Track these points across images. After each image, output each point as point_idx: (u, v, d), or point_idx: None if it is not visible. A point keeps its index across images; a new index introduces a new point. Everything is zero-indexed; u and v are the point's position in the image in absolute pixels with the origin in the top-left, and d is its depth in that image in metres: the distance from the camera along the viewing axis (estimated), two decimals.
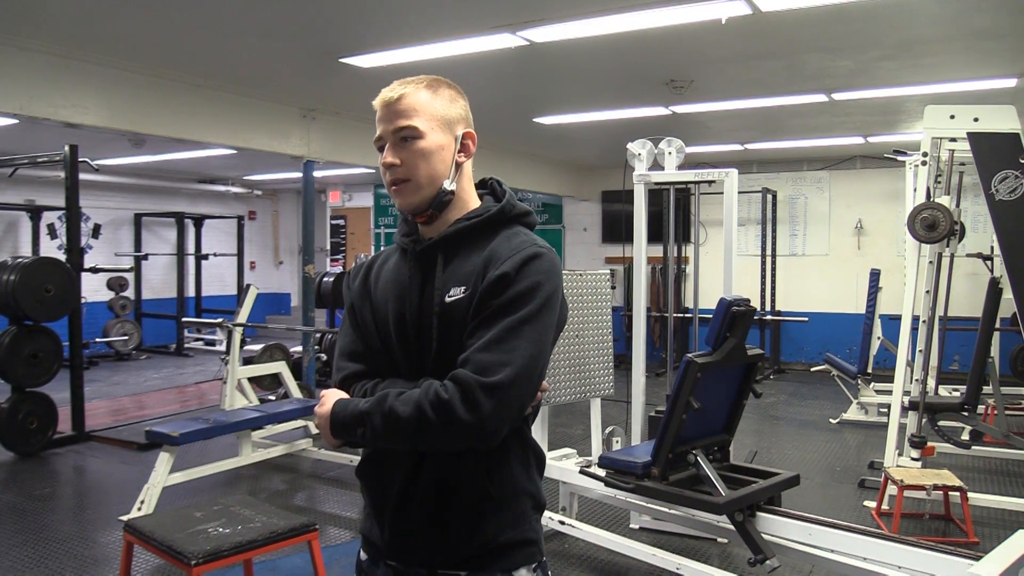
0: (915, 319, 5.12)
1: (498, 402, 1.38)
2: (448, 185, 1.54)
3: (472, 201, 1.60)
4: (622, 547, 4.01)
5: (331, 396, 1.54)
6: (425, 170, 1.52)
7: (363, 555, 1.65)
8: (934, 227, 4.88)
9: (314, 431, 6.05)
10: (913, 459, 4.93)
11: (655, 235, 5.15)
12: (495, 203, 1.59)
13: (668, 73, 6.11)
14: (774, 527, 3.34)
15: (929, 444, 4.98)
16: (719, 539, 4.28)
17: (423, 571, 1.54)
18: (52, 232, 10.76)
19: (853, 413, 7.52)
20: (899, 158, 7.48)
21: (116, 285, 11.78)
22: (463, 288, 1.49)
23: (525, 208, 1.62)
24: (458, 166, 1.57)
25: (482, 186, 1.66)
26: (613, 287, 10.38)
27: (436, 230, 1.57)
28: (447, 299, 1.50)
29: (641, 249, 4.78)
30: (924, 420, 4.99)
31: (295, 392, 6.63)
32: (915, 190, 5.53)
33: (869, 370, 7.39)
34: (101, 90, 5.86)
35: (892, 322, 7.66)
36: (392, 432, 1.43)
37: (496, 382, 1.38)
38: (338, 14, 4.75)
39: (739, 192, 4.66)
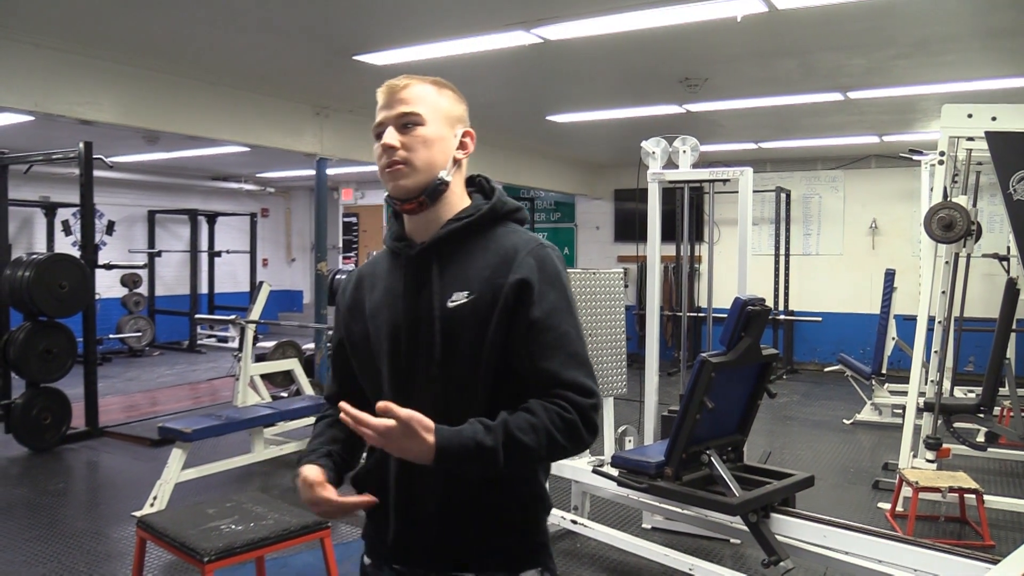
0: (931, 320, 5.08)
1: (599, 412, 1.49)
2: (444, 175, 1.53)
3: (463, 200, 1.58)
4: (634, 547, 3.99)
5: (425, 427, 1.33)
6: (425, 155, 1.50)
7: (367, 559, 1.64)
8: (951, 227, 4.84)
9: None
10: (928, 461, 4.90)
11: (668, 234, 5.13)
12: (484, 201, 1.57)
13: (682, 71, 6.09)
14: (788, 528, 3.32)
15: (944, 446, 4.95)
16: (732, 540, 4.26)
17: (430, 574, 1.53)
18: (67, 229, 10.82)
19: (867, 414, 7.47)
20: (914, 157, 7.43)
21: (130, 282, 11.84)
22: (466, 293, 1.47)
23: (515, 204, 1.61)
24: (456, 162, 1.56)
25: (469, 184, 1.64)
26: (626, 286, 10.35)
27: (426, 230, 1.54)
28: (450, 304, 1.48)
29: (654, 248, 4.76)
30: (939, 421, 4.95)
31: (307, 389, 6.64)
32: (931, 190, 5.49)
33: (883, 371, 7.34)
34: (115, 87, 5.88)
35: (907, 323, 7.63)
36: (517, 462, 1.41)
37: (596, 401, 1.48)
38: (352, 12, 4.75)
39: (753, 191, 4.64)
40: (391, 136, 1.50)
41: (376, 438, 1.32)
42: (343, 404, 1.34)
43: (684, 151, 4.76)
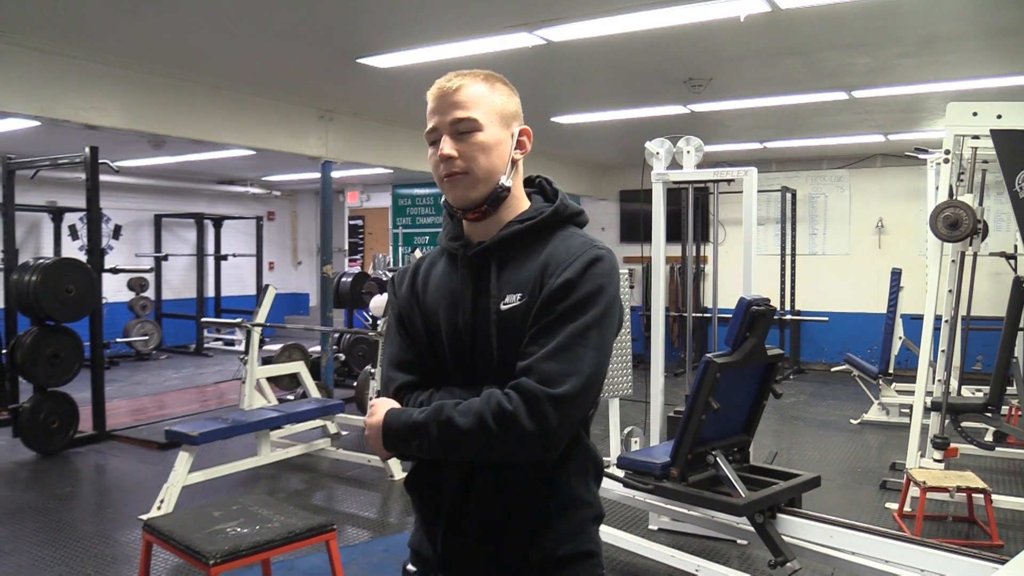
0: (937, 319, 5.06)
1: (564, 413, 1.34)
2: (505, 181, 1.48)
3: (523, 201, 1.54)
4: (641, 548, 3.99)
5: (382, 406, 1.48)
6: (485, 164, 1.46)
7: (411, 567, 1.60)
8: (957, 225, 4.82)
9: (332, 431, 6.07)
10: (936, 460, 4.87)
11: (673, 234, 5.11)
12: (546, 203, 1.53)
13: (686, 71, 6.08)
14: (795, 529, 3.31)
15: (952, 445, 4.93)
16: (739, 541, 4.25)
17: None
18: (74, 233, 10.86)
19: (874, 414, 7.45)
20: (920, 156, 7.42)
21: (137, 285, 11.86)
22: (519, 295, 1.43)
23: (576, 208, 1.56)
24: (514, 163, 1.51)
25: (529, 184, 1.60)
26: (631, 287, 10.37)
27: (486, 231, 1.51)
28: (503, 307, 1.44)
29: (660, 248, 4.75)
30: (947, 421, 4.94)
31: (313, 392, 6.65)
32: (937, 188, 5.47)
33: (890, 370, 7.32)
34: (120, 92, 5.90)
35: (914, 322, 7.59)
36: (450, 444, 1.38)
37: (563, 393, 1.33)
38: (355, 15, 4.76)
39: (758, 191, 4.63)
40: (448, 145, 1.46)
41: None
42: None
43: (688, 151, 4.75)
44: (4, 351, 6.78)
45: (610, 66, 5.98)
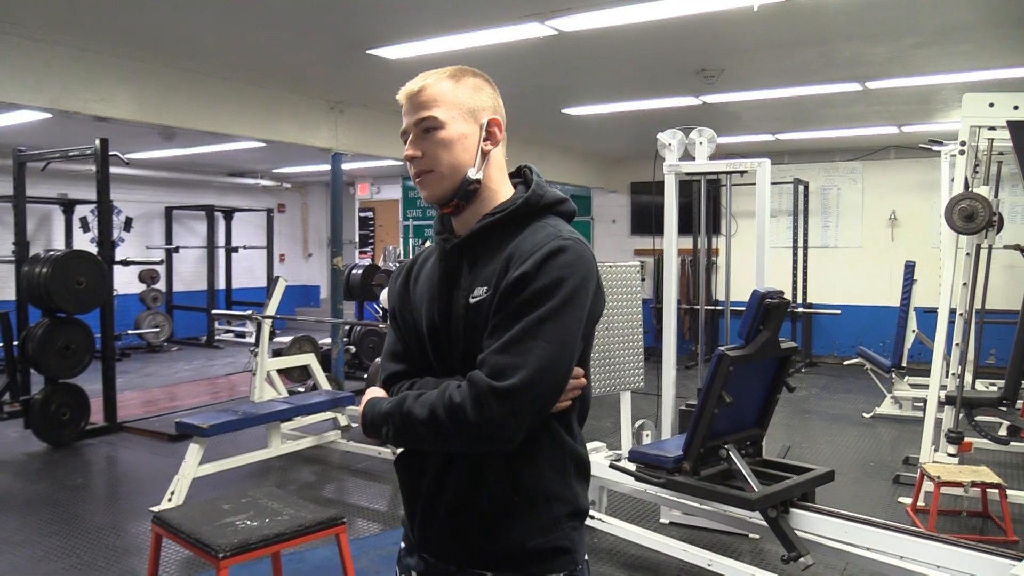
0: (952, 312, 5.01)
1: (510, 406, 1.34)
2: (473, 174, 1.50)
3: (503, 192, 1.55)
4: (652, 542, 3.97)
5: (369, 394, 1.56)
6: (447, 160, 1.49)
7: (403, 544, 1.65)
8: (972, 218, 4.77)
9: (343, 423, 6.07)
10: (950, 455, 4.84)
11: (685, 226, 5.08)
12: (523, 193, 1.53)
13: (699, 62, 6.03)
14: (808, 524, 3.29)
15: (966, 439, 4.88)
16: (751, 535, 4.23)
17: (452, 567, 1.52)
18: (85, 225, 10.89)
19: (887, 407, 7.40)
20: (934, 148, 7.35)
21: (147, 278, 11.90)
22: (485, 288, 1.45)
23: (557, 195, 1.55)
24: (484, 154, 1.52)
25: (516, 175, 1.61)
26: (643, 279, 10.33)
27: (466, 224, 1.53)
28: (471, 300, 1.46)
29: (671, 241, 4.72)
30: (961, 415, 4.89)
31: (324, 384, 6.65)
32: (952, 180, 5.42)
33: (903, 364, 7.27)
34: (131, 84, 5.90)
35: (927, 315, 7.54)
36: (409, 434, 1.44)
37: (508, 387, 1.34)
38: (365, 5, 4.73)
39: (771, 183, 4.59)
40: (411, 145, 1.51)
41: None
42: None
43: (701, 143, 4.71)
44: (15, 343, 6.81)
45: (621, 57, 5.93)
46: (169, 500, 4.75)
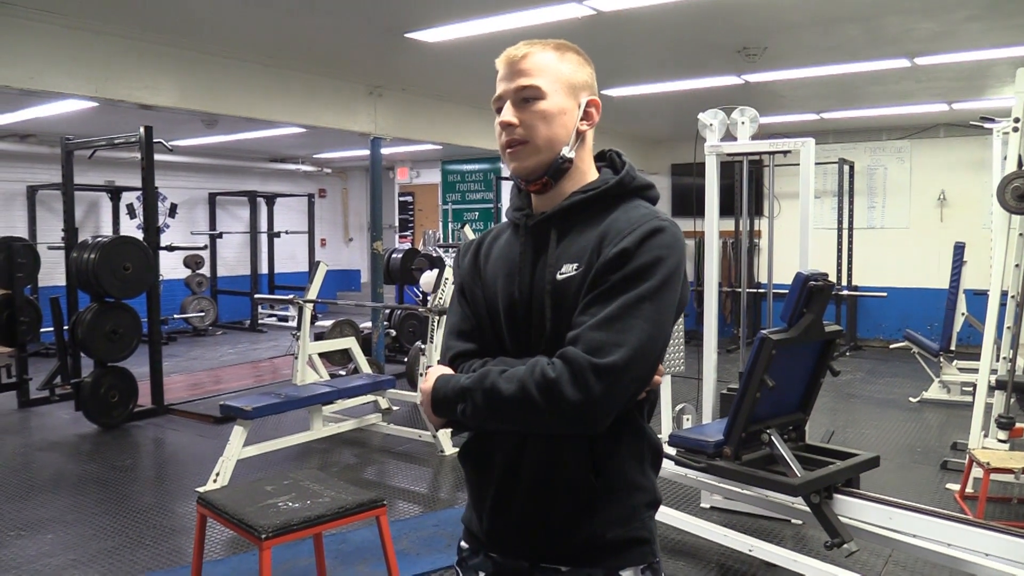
0: (1003, 294, 4.88)
1: (609, 385, 1.27)
2: (567, 152, 1.45)
3: (590, 173, 1.50)
4: (693, 527, 3.94)
5: (435, 372, 1.46)
6: (545, 132, 1.43)
7: (464, 544, 1.58)
8: None
9: (384, 406, 6.11)
10: (1000, 440, 4.72)
11: (727, 208, 5.01)
12: (613, 175, 1.49)
13: (740, 40, 5.92)
14: (852, 510, 3.23)
15: (1017, 425, 4.76)
16: (794, 521, 4.18)
17: (524, 564, 1.47)
18: (131, 212, 11.08)
19: (935, 392, 7.25)
20: (986, 125, 7.14)
21: (192, 263, 12.10)
22: (575, 265, 1.40)
23: (646, 180, 1.51)
24: (579, 134, 1.47)
25: (600, 158, 1.56)
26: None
27: (550, 203, 1.48)
28: (559, 276, 1.41)
29: (713, 223, 4.66)
30: (1012, 400, 4.78)
31: (364, 367, 6.70)
32: (1004, 158, 5.26)
33: (952, 347, 7.11)
34: (174, 71, 5.97)
35: (977, 297, 7.37)
36: (493, 411, 1.35)
37: (609, 364, 1.27)
38: None
39: (815, 163, 4.50)
40: (508, 112, 1.44)
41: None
42: None
43: (743, 123, 4.63)
44: (66, 327, 6.96)
45: (662, 36, 5.85)
46: (214, 481, 4.83)
